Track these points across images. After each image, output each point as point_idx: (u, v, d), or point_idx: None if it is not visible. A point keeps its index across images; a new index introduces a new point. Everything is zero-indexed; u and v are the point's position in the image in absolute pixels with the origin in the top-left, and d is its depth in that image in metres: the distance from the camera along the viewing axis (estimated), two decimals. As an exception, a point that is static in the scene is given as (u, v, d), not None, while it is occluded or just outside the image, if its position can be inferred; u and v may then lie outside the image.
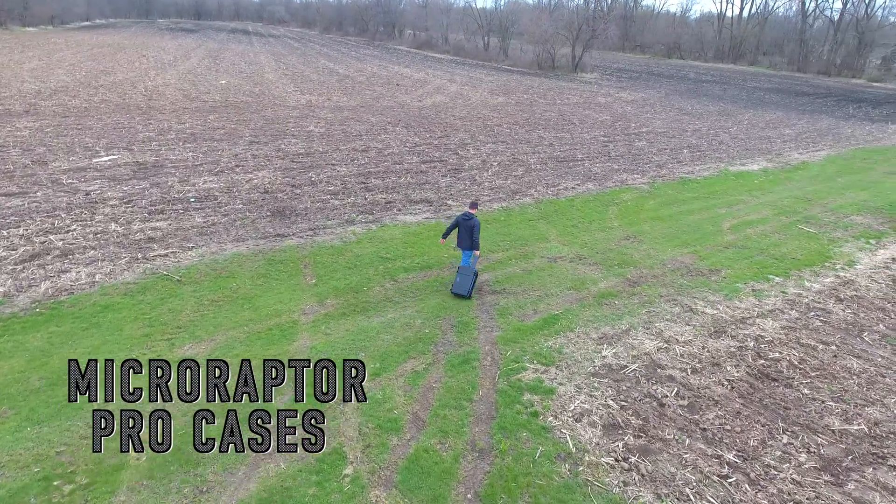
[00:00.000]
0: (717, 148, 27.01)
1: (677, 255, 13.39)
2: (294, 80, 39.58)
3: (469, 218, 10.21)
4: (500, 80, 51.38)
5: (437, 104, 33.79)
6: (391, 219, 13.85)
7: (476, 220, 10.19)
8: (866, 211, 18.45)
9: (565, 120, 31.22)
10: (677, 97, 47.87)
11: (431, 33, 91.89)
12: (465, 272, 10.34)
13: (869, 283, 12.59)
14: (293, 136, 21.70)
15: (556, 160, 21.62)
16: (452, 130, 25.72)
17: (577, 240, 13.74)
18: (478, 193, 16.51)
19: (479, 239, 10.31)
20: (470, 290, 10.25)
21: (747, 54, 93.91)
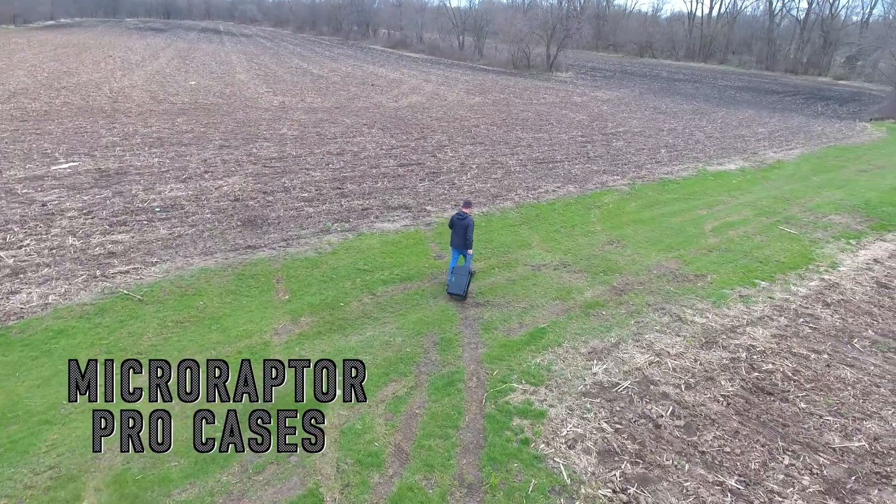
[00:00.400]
0: (694, 147, 26.91)
1: (662, 259, 13.04)
2: (266, 81, 38.60)
3: (463, 217, 10.17)
4: (476, 79, 50.93)
5: (413, 105, 33.19)
6: (368, 227, 13.25)
7: (470, 220, 10.15)
8: (843, 210, 18.40)
9: (543, 120, 30.88)
10: (651, 96, 47.97)
11: (406, 32, 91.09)
12: (460, 272, 10.22)
13: (854, 286, 12.39)
14: (265, 140, 20.92)
15: (536, 162, 21.21)
16: (429, 132, 25.16)
17: (560, 246, 13.31)
18: (457, 198, 15.99)
19: (473, 238, 10.27)
20: (465, 289, 10.13)
21: (717, 53, 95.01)
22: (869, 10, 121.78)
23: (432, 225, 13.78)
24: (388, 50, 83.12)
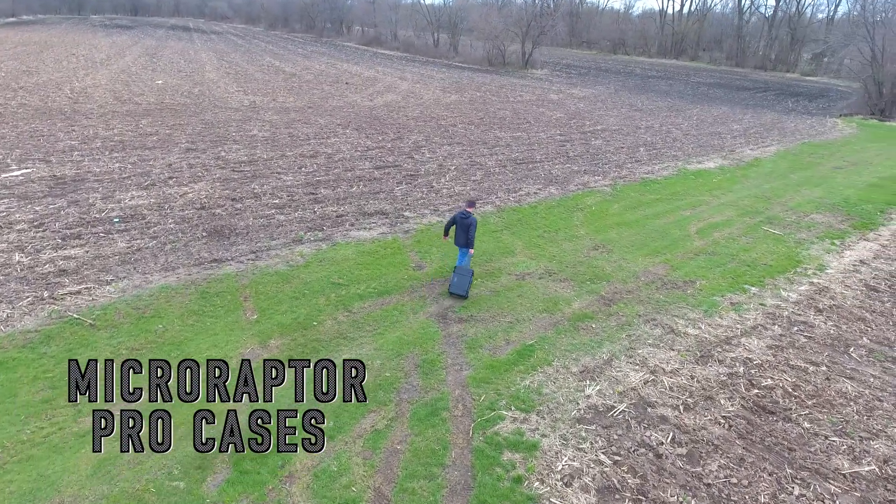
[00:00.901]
0: (672, 145, 26.62)
1: (649, 265, 12.54)
2: (237, 80, 37.37)
3: (466, 216, 10.15)
4: (452, 77, 50.22)
5: (388, 103, 32.36)
6: (343, 235, 12.49)
7: (473, 219, 10.15)
8: (824, 209, 18.18)
9: (520, 118, 30.33)
10: (626, 93, 47.82)
11: (380, 30, 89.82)
12: (462, 272, 10.20)
13: (843, 289, 12.03)
14: (234, 142, 19.96)
15: (515, 162, 20.61)
16: (406, 132, 24.40)
17: (544, 252, 12.72)
18: (436, 202, 15.31)
19: (475, 237, 10.34)
20: (467, 289, 10.12)
21: (688, 50, 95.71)
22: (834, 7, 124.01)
23: (411, 232, 13.08)
24: (363, 47, 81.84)
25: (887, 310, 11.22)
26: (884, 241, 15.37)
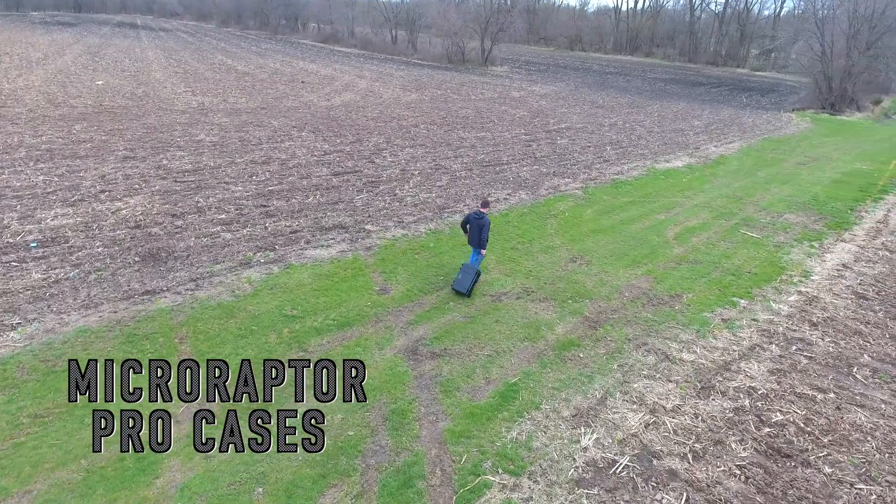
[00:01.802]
0: (638, 143, 25.94)
1: (631, 278, 11.57)
2: (185, 79, 35.12)
3: (480, 217, 9.96)
4: (412, 74, 48.78)
5: (346, 103, 30.79)
6: (298, 256, 11.10)
7: (486, 220, 9.96)
8: (796, 208, 17.66)
9: (483, 117, 29.22)
10: (586, 89, 47.30)
11: (337, 27, 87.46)
12: (467, 269, 10.11)
13: (833, 298, 11.31)
14: (179, 148, 18.21)
15: (482, 165, 19.47)
16: (366, 133, 22.97)
17: (519, 267, 11.61)
18: (400, 213, 14.02)
19: (488, 239, 10.22)
20: (470, 288, 10.01)
21: (643, 46, 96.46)
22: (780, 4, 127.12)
23: (373, 249, 11.77)
24: (319, 45, 79.43)
25: (881, 321, 10.52)
26: (860, 242, 14.83)
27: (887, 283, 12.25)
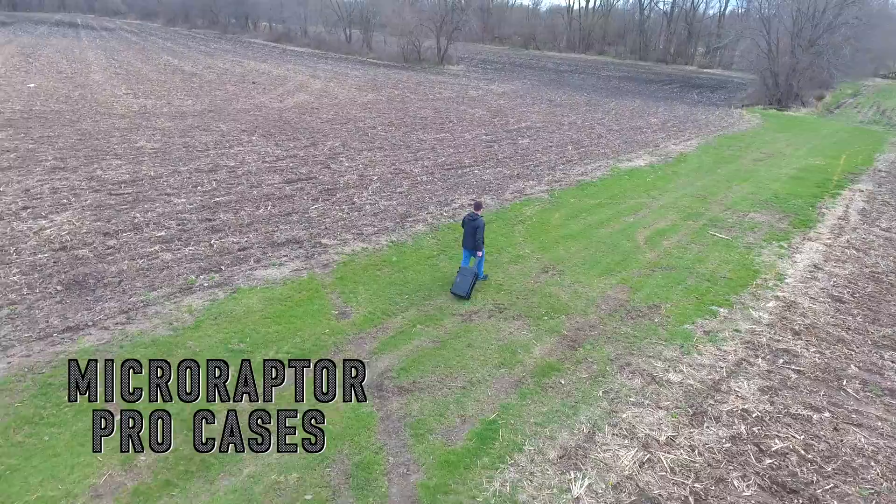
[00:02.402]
0: (598, 142, 25.52)
1: (606, 288, 10.90)
2: (127, 81, 33.01)
3: (474, 219, 9.79)
4: (367, 74, 47.47)
5: (300, 104, 29.42)
6: (246, 277, 9.97)
7: (481, 221, 9.79)
8: (759, 206, 17.42)
9: (442, 117, 28.33)
10: (543, 88, 47.00)
11: (289, 25, 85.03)
12: (465, 272, 9.91)
13: (810, 303, 10.89)
14: (116, 157, 16.67)
15: (443, 168, 18.59)
16: (321, 137, 21.77)
17: (489, 280, 10.77)
18: (359, 223, 13.00)
19: (483, 239, 9.97)
20: (469, 290, 9.83)
21: (595, 44, 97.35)
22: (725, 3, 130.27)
23: (331, 266, 10.74)
24: (271, 44, 76.98)
25: (861, 326, 10.12)
26: (826, 241, 14.61)
27: (860, 284, 11.95)
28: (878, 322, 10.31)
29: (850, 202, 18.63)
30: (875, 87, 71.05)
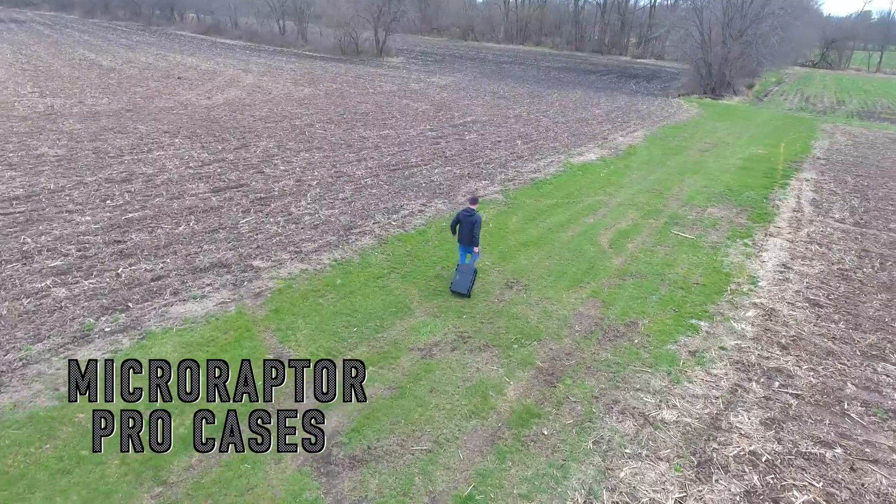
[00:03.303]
0: (547, 136, 24.54)
1: (577, 303, 9.74)
2: (35, 78, 29.55)
3: (471, 214, 9.40)
4: (303, 67, 44.93)
5: (231, 101, 27.03)
6: (160, 316, 8.20)
7: (478, 217, 9.42)
8: (715, 200, 16.81)
9: (384, 113, 26.64)
10: (485, 80, 45.83)
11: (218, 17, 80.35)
12: (464, 269, 9.62)
13: (789, 310, 10.11)
14: (10, 167, 14.25)
15: (389, 169, 17.04)
16: (253, 137, 19.74)
17: (448, 303, 9.42)
18: (297, 238, 11.35)
19: (480, 236, 9.56)
20: (469, 287, 9.52)
21: (532, 35, 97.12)
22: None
23: (264, 294, 9.09)
24: (200, 36, 72.41)
25: (845, 334, 9.39)
26: (787, 236, 14.04)
27: (832, 285, 11.31)
28: (860, 328, 9.61)
29: (800, 193, 18.33)
30: (795, 74, 73.94)
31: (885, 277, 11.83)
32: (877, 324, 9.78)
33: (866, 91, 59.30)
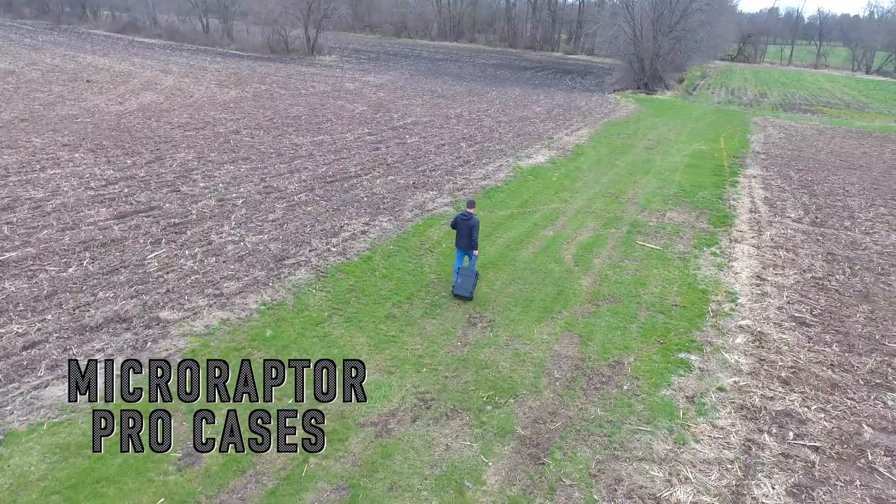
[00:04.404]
0: (491, 137, 23.21)
1: (552, 340, 8.36)
2: (-89, 84, 25.55)
3: (468, 217, 9.04)
4: (230, 67, 41.76)
5: (146, 106, 24.18)
6: (27, 406, 6.14)
7: (475, 220, 9.05)
8: (671, 202, 15.96)
9: (318, 116, 24.54)
10: (422, 78, 44.16)
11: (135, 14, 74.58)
12: (465, 273, 9.22)
13: (779, 332, 9.12)
14: None
15: (325, 181, 15.17)
16: (169, 148, 17.32)
17: (404, 351, 7.80)
18: (218, 276, 9.40)
19: (478, 238, 9.11)
20: (472, 290, 9.17)
21: (466, 32, 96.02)
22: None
23: (174, 357, 7.15)
24: (115, 35, 66.84)
25: (844, 359, 8.44)
26: (751, 241, 13.25)
27: (811, 297, 10.45)
28: (855, 350, 8.70)
29: (752, 191, 17.79)
30: (716, 68, 76.22)
31: (858, 285, 11.11)
32: (869, 343, 8.91)
33: (783, 83, 61.62)
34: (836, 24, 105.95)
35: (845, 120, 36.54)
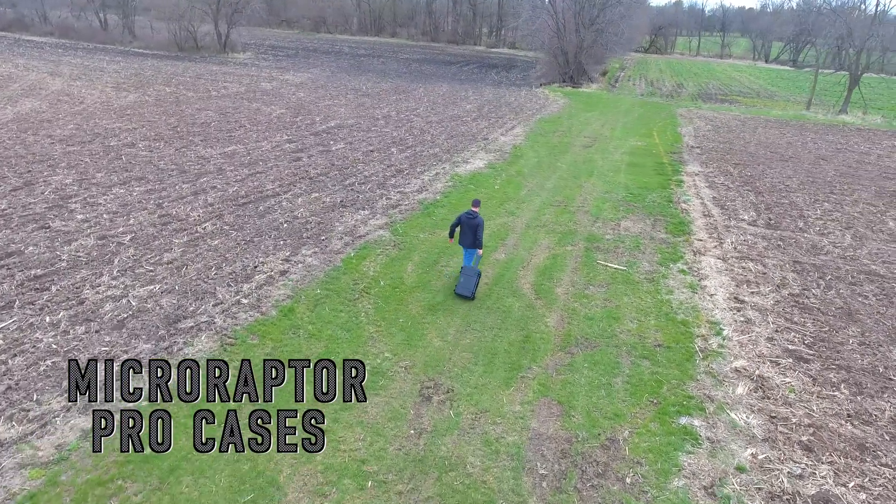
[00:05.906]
0: (423, 139, 21.24)
1: (527, 414, 6.60)
2: None
3: (473, 217, 8.83)
4: (130, 67, 37.32)
5: (23, 116, 20.41)
6: None
7: (480, 219, 8.82)
8: (623, 209, 14.65)
9: (230, 122, 21.65)
10: (344, 75, 41.42)
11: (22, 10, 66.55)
12: (468, 272, 8.99)
13: (779, 375, 7.79)
14: None
15: (237, 203, 12.71)
16: (45, 168, 14.20)
17: (339, 457, 5.76)
18: (86, 353, 6.94)
19: (483, 238, 8.93)
20: (474, 290, 8.96)
21: (387, 27, 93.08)
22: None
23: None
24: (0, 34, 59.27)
25: (857, 405, 7.19)
26: (715, 252, 12.08)
27: (797, 322, 9.26)
28: (864, 391, 7.49)
29: (698, 190, 16.84)
30: (632, 59, 77.60)
31: (837, 300, 10.08)
32: (876, 379, 7.74)
33: (696, 73, 63.25)
34: (736, 16, 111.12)
35: (762, 109, 37.23)
